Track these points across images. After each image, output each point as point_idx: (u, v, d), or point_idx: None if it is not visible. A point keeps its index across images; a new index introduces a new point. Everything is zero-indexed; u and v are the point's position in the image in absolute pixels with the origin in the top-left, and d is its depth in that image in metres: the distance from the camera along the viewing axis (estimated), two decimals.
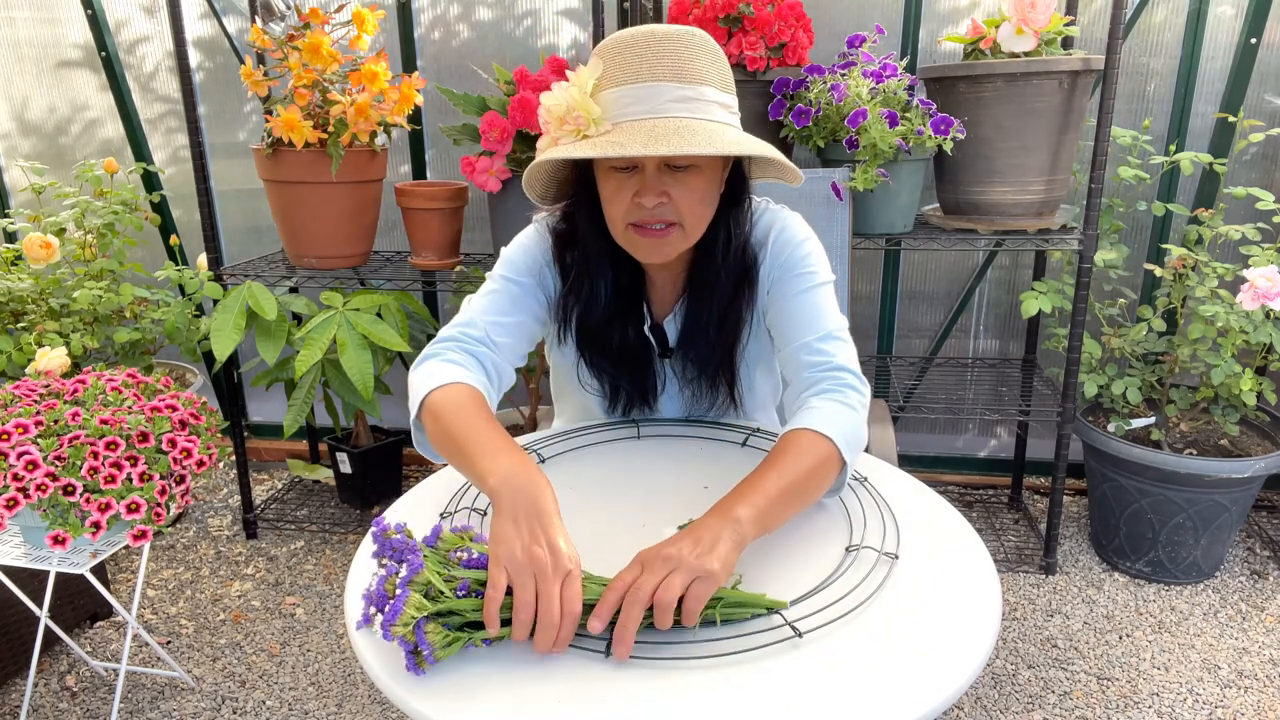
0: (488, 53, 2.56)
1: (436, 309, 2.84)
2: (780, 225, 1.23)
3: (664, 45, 1.04)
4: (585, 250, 1.20)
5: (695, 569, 0.85)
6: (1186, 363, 2.15)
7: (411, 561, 0.82)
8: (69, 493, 1.50)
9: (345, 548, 2.48)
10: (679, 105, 1.04)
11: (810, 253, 1.21)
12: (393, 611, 0.79)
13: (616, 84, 1.05)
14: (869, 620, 0.88)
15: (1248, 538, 2.44)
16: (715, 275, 1.20)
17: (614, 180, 1.10)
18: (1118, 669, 1.93)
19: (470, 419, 1.04)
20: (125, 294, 2.28)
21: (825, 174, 1.86)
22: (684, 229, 1.12)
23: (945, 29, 2.39)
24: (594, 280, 1.21)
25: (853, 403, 1.11)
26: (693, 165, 1.09)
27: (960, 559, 0.99)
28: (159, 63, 2.76)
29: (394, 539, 0.86)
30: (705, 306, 1.22)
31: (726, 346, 1.24)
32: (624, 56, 1.05)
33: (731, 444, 1.28)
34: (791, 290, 1.20)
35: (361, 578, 0.97)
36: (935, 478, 2.75)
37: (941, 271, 2.60)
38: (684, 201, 1.10)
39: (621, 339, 1.25)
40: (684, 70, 1.04)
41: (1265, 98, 2.31)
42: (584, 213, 1.19)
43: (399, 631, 0.79)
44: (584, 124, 1.05)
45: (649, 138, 1.01)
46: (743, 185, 1.20)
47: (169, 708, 1.86)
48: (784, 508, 0.98)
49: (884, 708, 0.76)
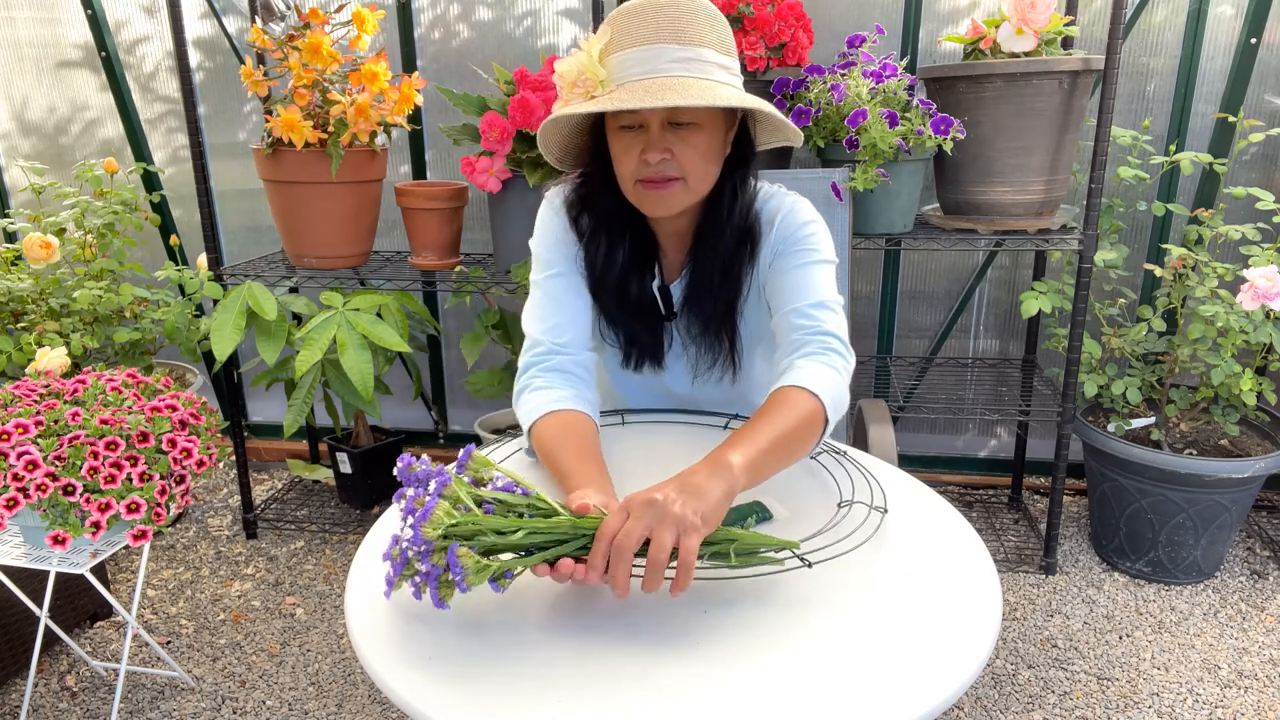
0: (488, 53, 2.56)
1: (436, 309, 2.84)
2: (790, 207, 1.29)
3: (665, 10, 1.11)
4: (601, 210, 1.28)
5: (681, 520, 0.86)
6: (1186, 363, 2.15)
7: (440, 478, 0.83)
8: (69, 493, 1.50)
9: (345, 548, 2.48)
10: (678, 65, 1.11)
11: (815, 233, 1.27)
12: (424, 512, 0.79)
13: (621, 48, 1.12)
14: (868, 620, 0.88)
15: (1248, 538, 2.44)
16: (720, 230, 1.26)
17: (623, 140, 1.18)
18: (1118, 669, 1.93)
19: (558, 458, 1.11)
20: (125, 294, 2.28)
21: (825, 174, 1.86)
22: (687, 184, 1.18)
23: (945, 29, 2.39)
24: (610, 237, 1.28)
25: (838, 366, 1.17)
26: (694, 123, 1.15)
27: (960, 559, 0.99)
28: (159, 63, 2.76)
29: (419, 470, 0.87)
30: (709, 259, 1.28)
31: (728, 301, 1.30)
32: (630, 23, 1.12)
33: (713, 428, 1.35)
34: (791, 263, 1.25)
35: (362, 577, 0.97)
36: (935, 478, 2.75)
37: (941, 271, 2.60)
38: (686, 158, 1.16)
39: (638, 292, 1.31)
40: (683, 33, 1.11)
41: (1265, 98, 2.31)
42: (598, 175, 1.26)
43: (430, 533, 0.79)
44: (591, 86, 1.13)
45: (645, 93, 1.08)
46: (749, 147, 1.26)
47: (169, 708, 1.86)
48: (774, 459, 1.02)
49: (883, 707, 0.76)
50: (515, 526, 0.85)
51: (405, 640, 0.87)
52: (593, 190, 1.28)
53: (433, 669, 0.82)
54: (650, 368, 1.38)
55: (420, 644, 0.86)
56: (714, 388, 1.38)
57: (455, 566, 0.80)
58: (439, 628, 0.88)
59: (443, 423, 2.97)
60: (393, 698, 0.80)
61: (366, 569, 0.99)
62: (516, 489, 0.89)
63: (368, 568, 1.00)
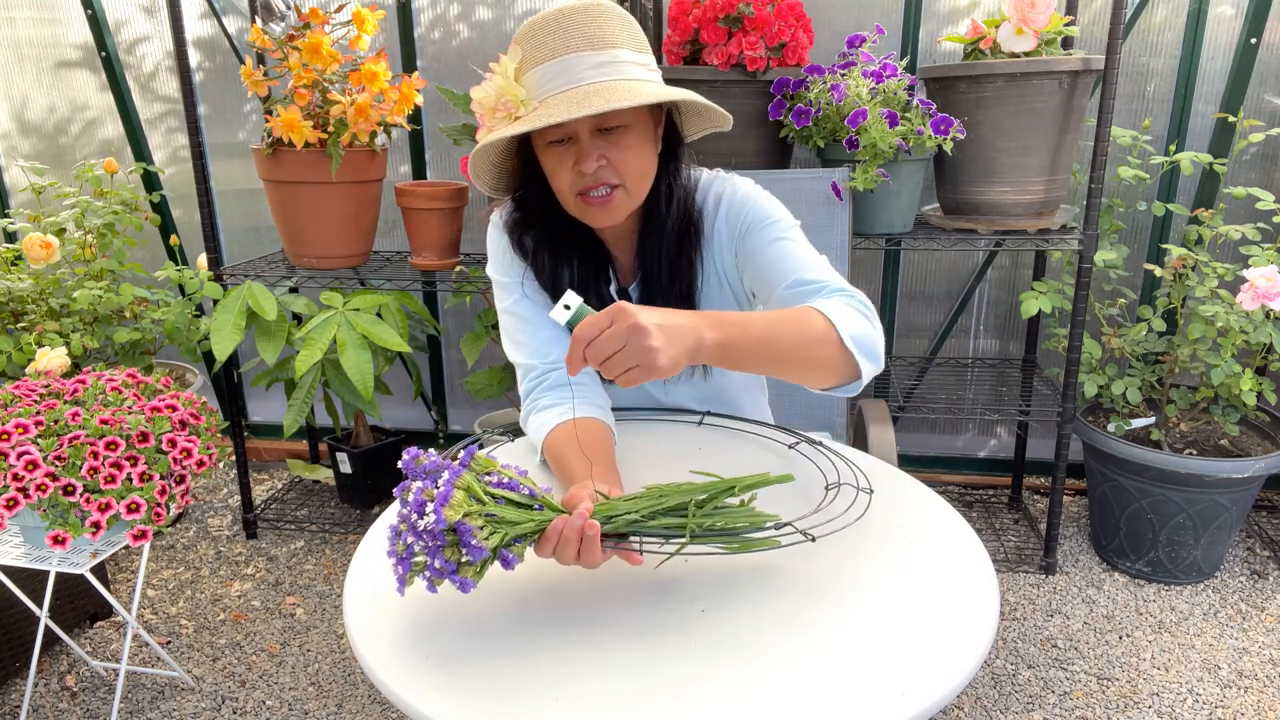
0: (488, 53, 2.56)
1: (436, 309, 2.84)
2: (731, 187, 1.28)
3: (573, 19, 1.10)
4: (542, 229, 1.27)
5: (642, 356, 0.89)
6: (1186, 363, 2.15)
7: (452, 470, 0.84)
8: (69, 493, 1.50)
9: (345, 548, 2.48)
10: (596, 71, 1.10)
11: (766, 205, 1.25)
12: (442, 497, 0.80)
13: (536, 63, 1.11)
14: (865, 618, 0.88)
15: (1248, 538, 2.44)
16: (661, 224, 1.26)
17: (554, 155, 1.16)
18: (1118, 669, 1.93)
19: (564, 463, 1.14)
20: (125, 294, 2.28)
21: (825, 174, 1.86)
22: (626, 189, 1.17)
23: (945, 29, 2.39)
24: (556, 255, 1.28)
25: (858, 305, 1.11)
26: (621, 125, 1.14)
27: (958, 558, 0.99)
28: (159, 63, 2.76)
29: (426, 462, 0.87)
30: (655, 255, 1.27)
31: (682, 294, 1.29)
32: (540, 38, 1.11)
33: (689, 424, 1.37)
34: (761, 243, 1.23)
35: (361, 577, 0.97)
36: (935, 478, 2.75)
37: (941, 271, 2.60)
38: (621, 162, 1.15)
39: (597, 302, 1.30)
40: (595, 38, 1.10)
41: (1265, 98, 2.31)
42: (535, 195, 1.25)
43: (453, 515, 0.80)
44: (513, 106, 1.12)
45: (570, 103, 1.07)
46: (677, 140, 1.25)
47: (169, 708, 1.86)
48: (757, 352, 1.01)
49: (881, 707, 0.76)
50: (526, 517, 0.87)
51: (405, 640, 0.87)
52: (530, 212, 1.27)
53: (433, 669, 0.82)
54: None
55: (420, 644, 0.86)
56: (688, 386, 1.38)
57: (468, 538, 0.81)
58: (438, 628, 0.88)
59: (443, 423, 2.97)
60: (392, 698, 0.80)
61: (366, 569, 0.99)
62: (521, 488, 0.89)
63: (367, 568, 1.00)
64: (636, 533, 0.91)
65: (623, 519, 0.90)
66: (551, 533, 0.87)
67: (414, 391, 2.63)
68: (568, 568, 0.90)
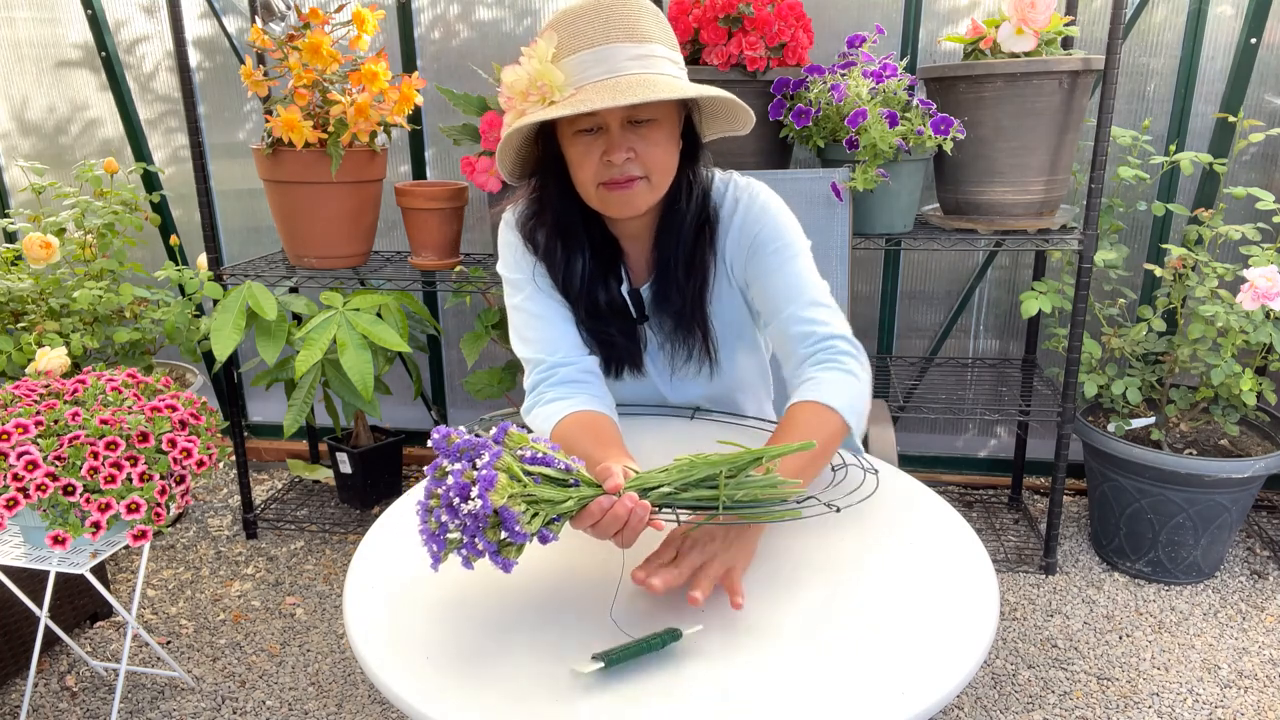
0: (488, 53, 2.56)
1: (436, 309, 2.84)
2: (750, 194, 1.29)
3: (612, 11, 1.12)
4: (555, 221, 1.27)
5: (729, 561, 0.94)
6: (1186, 363, 2.15)
7: (492, 450, 0.84)
8: (69, 493, 1.50)
9: (345, 548, 2.48)
10: (635, 63, 1.11)
11: (783, 224, 1.27)
12: (486, 481, 0.81)
13: (575, 50, 1.11)
14: (865, 617, 0.88)
15: (1248, 538, 2.44)
16: (680, 221, 1.27)
17: (581, 144, 1.17)
18: (1118, 669, 1.93)
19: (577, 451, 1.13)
20: (125, 294, 2.28)
21: (825, 174, 1.86)
22: (650, 182, 1.19)
23: (945, 29, 2.39)
24: (567, 248, 1.28)
25: (852, 369, 1.18)
26: (653, 119, 1.16)
27: (957, 558, 0.99)
28: (159, 63, 2.76)
29: (459, 441, 0.87)
30: (672, 251, 1.28)
31: (695, 292, 1.30)
32: (578, 25, 1.12)
33: (680, 419, 1.40)
34: (771, 265, 1.25)
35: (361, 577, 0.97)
36: (935, 478, 2.75)
37: (941, 271, 2.60)
38: (648, 155, 1.17)
39: (607, 299, 1.31)
40: (635, 32, 1.12)
41: (1265, 98, 2.31)
42: (554, 184, 1.25)
43: (498, 500, 0.81)
44: (548, 91, 1.12)
45: (614, 92, 1.07)
46: (696, 140, 1.27)
47: (169, 708, 1.86)
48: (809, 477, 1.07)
49: (881, 707, 0.76)
50: (565, 496, 0.87)
51: (405, 640, 0.87)
52: (547, 201, 1.27)
53: (432, 669, 0.82)
54: (630, 374, 1.38)
55: (420, 644, 0.86)
56: (694, 384, 1.38)
57: (512, 524, 0.81)
58: (439, 628, 0.88)
59: (443, 423, 2.97)
60: (392, 698, 0.80)
61: (366, 569, 0.99)
62: (557, 462, 0.89)
63: (367, 568, 1.00)
64: (670, 504, 0.92)
65: (657, 492, 0.91)
66: (596, 509, 0.88)
67: (414, 391, 2.63)
68: (573, 551, 0.91)
